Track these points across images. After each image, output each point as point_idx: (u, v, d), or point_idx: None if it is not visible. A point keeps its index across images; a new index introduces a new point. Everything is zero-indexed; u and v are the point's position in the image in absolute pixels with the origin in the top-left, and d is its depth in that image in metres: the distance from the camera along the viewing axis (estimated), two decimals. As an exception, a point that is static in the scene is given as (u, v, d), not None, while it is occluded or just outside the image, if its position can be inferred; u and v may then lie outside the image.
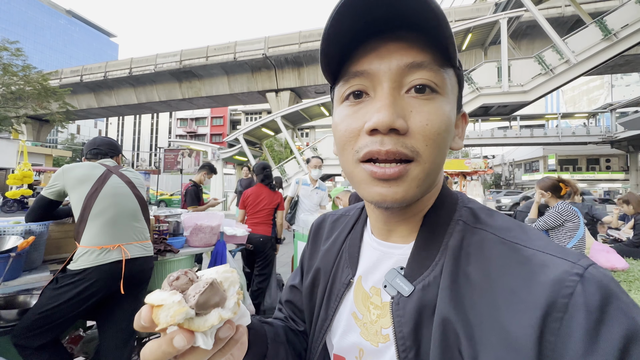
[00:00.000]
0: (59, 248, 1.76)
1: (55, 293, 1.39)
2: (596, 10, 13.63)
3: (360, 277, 0.43)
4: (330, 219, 0.56)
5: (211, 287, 0.28)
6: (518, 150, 31.33)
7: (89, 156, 1.75)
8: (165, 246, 2.04)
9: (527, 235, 0.33)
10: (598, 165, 25.70)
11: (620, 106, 17.88)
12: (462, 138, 0.41)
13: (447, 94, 0.35)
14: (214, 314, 0.27)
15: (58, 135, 46.97)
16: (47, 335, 1.36)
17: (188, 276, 0.29)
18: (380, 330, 0.38)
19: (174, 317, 0.25)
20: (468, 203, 0.41)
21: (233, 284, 0.31)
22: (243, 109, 45.12)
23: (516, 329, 0.27)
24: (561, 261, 0.29)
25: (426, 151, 0.33)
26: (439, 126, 0.33)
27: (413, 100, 0.33)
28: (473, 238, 0.35)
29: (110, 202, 1.57)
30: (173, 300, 0.26)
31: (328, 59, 0.36)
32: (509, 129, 20.05)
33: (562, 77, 10.25)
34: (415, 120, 0.32)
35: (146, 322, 0.27)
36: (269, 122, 13.81)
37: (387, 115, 0.31)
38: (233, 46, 19.79)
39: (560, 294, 0.27)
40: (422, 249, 0.37)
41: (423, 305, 0.34)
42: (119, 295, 1.53)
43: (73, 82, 23.43)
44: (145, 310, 0.27)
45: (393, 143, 0.32)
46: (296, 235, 3.17)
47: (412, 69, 0.33)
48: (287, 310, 0.56)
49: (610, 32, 9.66)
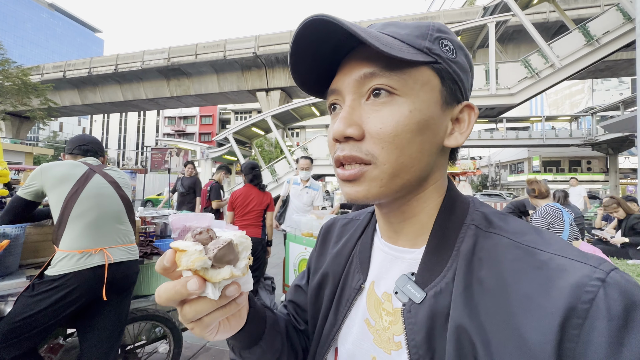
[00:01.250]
0: (37, 252, 1.66)
1: (32, 301, 1.30)
2: (579, 16, 14.05)
3: (373, 282, 0.42)
4: (340, 223, 0.55)
5: (228, 246, 0.31)
6: (504, 152, 32.06)
7: (77, 152, 1.65)
8: (152, 249, 1.97)
9: (543, 239, 0.32)
10: (580, 166, 26.54)
11: (600, 110, 18.47)
12: (465, 133, 0.38)
13: (411, 93, 0.34)
14: (227, 269, 0.31)
15: (39, 133, 45.42)
16: (23, 346, 1.28)
17: (209, 234, 0.32)
18: (393, 338, 0.37)
19: (193, 262, 0.29)
20: (480, 207, 0.39)
21: (246, 248, 0.34)
22: (233, 108, 44.64)
23: (534, 336, 0.27)
24: (581, 265, 0.28)
25: (382, 153, 0.34)
26: (394, 128, 0.34)
27: (370, 107, 0.35)
28: (486, 242, 0.35)
29: (93, 203, 1.49)
30: (195, 249, 0.29)
31: (307, 89, 0.41)
32: (495, 131, 20.45)
33: (547, 81, 10.51)
34: (371, 125, 0.35)
35: (169, 262, 0.30)
36: (259, 122, 13.67)
37: (340, 125, 0.35)
38: (223, 44, 19.51)
39: (581, 299, 0.26)
40: (433, 254, 0.37)
41: (435, 313, 0.33)
42: (101, 301, 1.46)
43: (55, 78, 22.62)
44: (170, 253, 0.30)
45: (349, 149, 0.35)
46: (288, 236, 3.11)
47: (366, 79, 0.35)
48: (290, 309, 0.57)
49: (592, 38, 9.96)
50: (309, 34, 0.35)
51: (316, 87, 0.42)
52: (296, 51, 0.37)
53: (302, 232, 2.91)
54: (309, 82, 0.41)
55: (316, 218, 2.94)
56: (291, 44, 0.36)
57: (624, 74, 17.17)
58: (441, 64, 0.36)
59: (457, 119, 0.38)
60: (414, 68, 0.35)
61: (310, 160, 3.73)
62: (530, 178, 2.79)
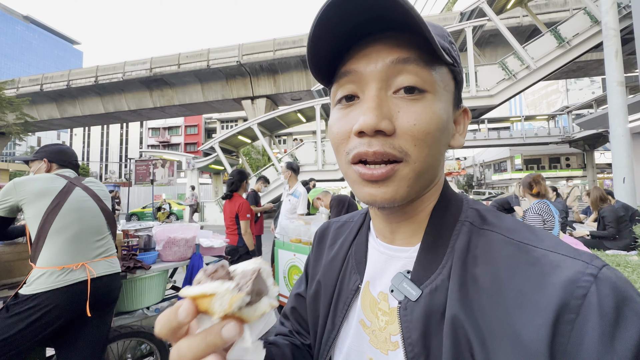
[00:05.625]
0: (11, 272, 1.59)
1: (6, 323, 1.24)
2: (550, 20, 14.69)
3: (368, 282, 0.42)
4: (334, 226, 0.55)
5: (259, 275, 0.27)
6: (487, 152, 32.88)
7: (56, 162, 1.59)
8: (135, 262, 1.90)
9: (536, 236, 0.33)
10: (559, 163, 27.47)
11: (575, 108, 19.24)
12: (463, 135, 0.40)
13: (438, 92, 0.34)
14: (264, 301, 0.27)
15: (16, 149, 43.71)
16: None
17: (225, 269, 0.27)
18: (390, 337, 0.37)
19: (231, 303, 0.24)
20: (474, 204, 0.40)
21: (269, 275, 0.30)
22: (218, 117, 44.23)
23: (527, 332, 0.27)
24: (573, 261, 0.29)
25: (415, 151, 0.33)
26: (428, 125, 0.33)
27: (400, 101, 0.33)
28: (480, 239, 0.35)
29: (74, 217, 1.44)
30: (227, 288, 0.24)
31: (317, 60, 0.36)
32: (478, 132, 20.99)
33: (524, 82, 10.92)
34: (403, 121, 0.33)
35: (189, 315, 0.25)
36: (245, 130, 13.60)
37: (372, 117, 0.32)
38: (206, 53, 19.40)
39: (573, 295, 0.26)
40: (428, 252, 0.37)
41: (431, 310, 0.33)
42: (82, 318, 1.40)
43: (32, 91, 21.89)
44: (188, 303, 0.25)
45: (380, 144, 0.32)
46: (276, 243, 3.08)
47: (398, 66, 0.33)
48: (292, 320, 0.55)
49: (563, 40, 10.44)
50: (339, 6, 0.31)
51: (328, 73, 0.38)
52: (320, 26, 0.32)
53: (290, 239, 2.88)
54: (323, 67, 0.37)
55: (304, 224, 2.92)
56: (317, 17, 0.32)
57: (594, 73, 17.99)
58: (456, 67, 0.37)
59: (456, 121, 0.39)
60: (442, 66, 0.35)
61: (293, 169, 3.57)
62: (535, 175, 2.81)
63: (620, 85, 5.79)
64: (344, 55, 0.36)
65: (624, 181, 5.50)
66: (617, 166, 5.66)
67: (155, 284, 1.99)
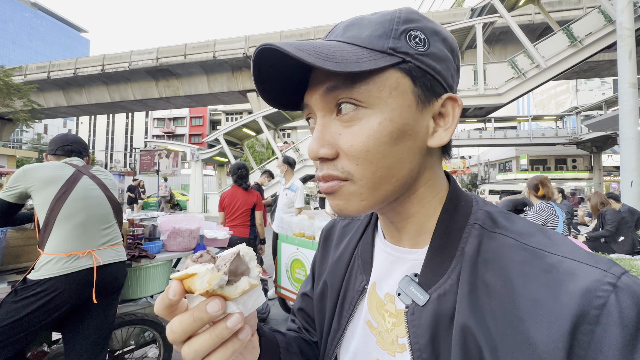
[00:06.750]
0: (19, 257, 1.61)
1: (15, 307, 1.27)
2: (563, 18, 14.40)
3: (375, 283, 0.41)
4: (340, 224, 0.54)
5: (238, 257, 0.30)
6: (493, 151, 32.62)
7: (60, 153, 1.61)
8: (140, 252, 1.92)
9: (551, 241, 0.31)
10: (565, 165, 27.22)
11: (584, 109, 18.96)
12: (450, 129, 0.35)
13: (378, 103, 0.32)
14: (244, 280, 0.29)
15: (23, 135, 44.16)
16: (8, 350, 1.24)
17: (210, 254, 0.31)
18: (397, 339, 0.37)
19: (210, 281, 0.26)
20: (484, 206, 0.38)
21: (252, 258, 0.33)
22: (223, 109, 44.23)
23: (542, 341, 0.26)
24: (591, 269, 0.28)
25: (358, 170, 0.33)
26: (365, 144, 0.32)
27: (339, 123, 0.34)
28: (491, 243, 0.33)
29: (81, 205, 1.45)
30: (206, 268, 0.27)
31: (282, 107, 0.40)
32: (484, 131, 20.79)
33: (533, 81, 10.76)
34: (342, 144, 0.34)
35: (177, 293, 0.27)
36: (250, 122, 13.60)
37: (313, 146, 0.34)
38: (213, 45, 19.32)
39: (592, 304, 0.25)
40: (437, 255, 0.35)
41: (440, 315, 0.33)
42: (88, 305, 1.42)
43: (39, 78, 22.02)
44: (175, 284, 0.28)
45: (326, 168, 0.35)
46: (279, 237, 3.10)
47: (331, 93, 0.34)
48: (300, 320, 0.55)
49: (576, 39, 10.24)
50: (266, 60, 0.33)
51: (290, 104, 0.40)
52: (259, 78, 0.36)
53: (293, 233, 2.90)
54: (281, 102, 0.40)
55: (308, 218, 2.93)
56: (252, 72, 0.35)
57: (606, 74, 17.70)
58: (410, 62, 0.32)
59: (440, 113, 0.35)
60: (378, 75, 0.32)
61: (289, 163, 3.55)
62: (542, 177, 2.80)
63: (632, 87, 5.69)
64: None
65: (632, 185, 5.43)
66: (626, 169, 5.59)
67: (160, 273, 2.02)
